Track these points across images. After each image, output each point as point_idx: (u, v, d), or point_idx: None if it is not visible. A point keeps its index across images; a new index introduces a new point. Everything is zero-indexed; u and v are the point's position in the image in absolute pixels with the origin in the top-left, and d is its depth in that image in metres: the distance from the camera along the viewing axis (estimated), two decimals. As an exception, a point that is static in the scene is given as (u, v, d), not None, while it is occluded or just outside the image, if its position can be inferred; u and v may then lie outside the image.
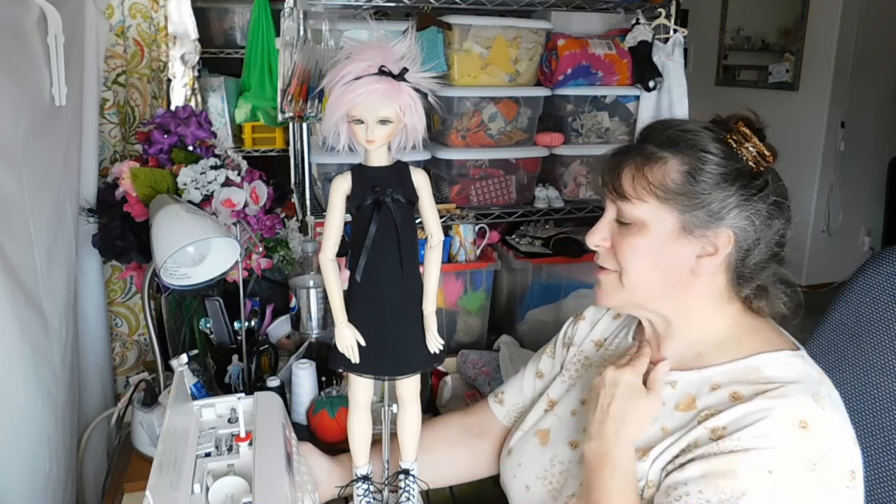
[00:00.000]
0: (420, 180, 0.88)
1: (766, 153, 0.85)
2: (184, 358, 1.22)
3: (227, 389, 1.44)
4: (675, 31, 1.72)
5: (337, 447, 1.30)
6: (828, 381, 0.86)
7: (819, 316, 1.10)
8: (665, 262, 0.88)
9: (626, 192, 0.88)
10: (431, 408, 1.57)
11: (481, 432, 1.16)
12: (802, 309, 0.92)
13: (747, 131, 0.86)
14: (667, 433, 0.87)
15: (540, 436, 1.04)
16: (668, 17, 1.71)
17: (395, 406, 0.98)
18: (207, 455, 0.87)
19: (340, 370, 0.90)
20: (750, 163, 0.85)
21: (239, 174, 1.40)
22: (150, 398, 1.32)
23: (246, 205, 1.39)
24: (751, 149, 0.85)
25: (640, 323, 1.00)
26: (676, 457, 0.84)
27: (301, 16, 1.48)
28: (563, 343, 1.14)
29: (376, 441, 1.02)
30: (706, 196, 0.84)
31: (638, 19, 1.71)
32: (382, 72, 0.80)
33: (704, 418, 0.84)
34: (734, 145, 0.85)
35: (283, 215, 1.63)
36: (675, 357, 0.93)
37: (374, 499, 1.00)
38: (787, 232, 0.88)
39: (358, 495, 0.99)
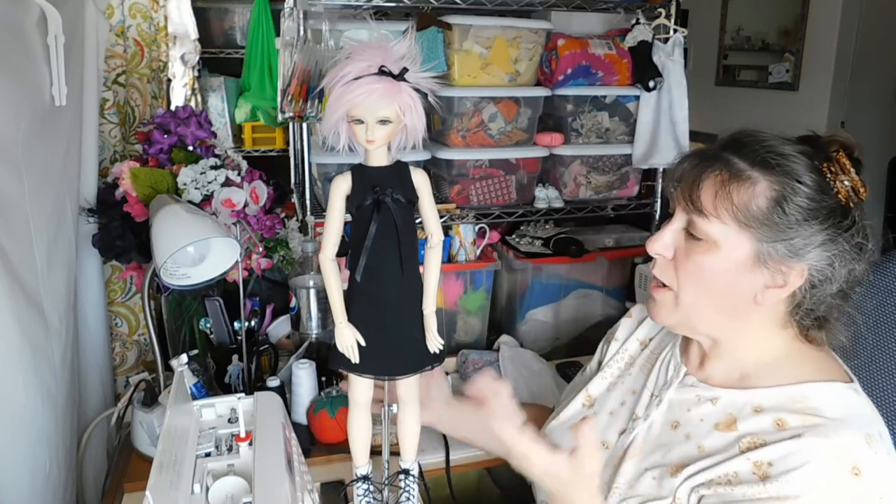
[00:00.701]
0: (420, 180, 0.88)
1: (861, 189, 0.79)
2: (184, 358, 1.22)
3: (227, 389, 1.44)
4: (675, 31, 1.71)
5: (337, 447, 1.31)
6: (879, 417, 0.82)
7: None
8: (728, 288, 0.83)
9: (704, 206, 0.81)
10: (431, 408, 1.57)
11: None
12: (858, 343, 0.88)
13: (847, 163, 0.79)
14: (703, 452, 0.84)
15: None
16: (668, 17, 1.71)
17: (395, 406, 0.98)
18: (207, 455, 0.87)
19: (340, 370, 0.90)
20: (841, 197, 0.79)
21: (239, 174, 1.40)
22: (150, 398, 1.32)
23: (246, 205, 1.39)
24: (846, 182, 0.79)
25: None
26: (712, 481, 0.81)
27: (301, 16, 1.47)
28: (605, 340, 1.12)
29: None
30: (790, 231, 0.78)
31: (638, 19, 1.71)
32: (382, 72, 0.80)
33: (747, 448, 0.80)
34: (829, 176, 0.79)
35: (283, 215, 1.63)
36: (720, 374, 0.89)
37: (374, 499, 1.00)
38: (861, 274, 0.82)
39: (358, 495, 0.99)
